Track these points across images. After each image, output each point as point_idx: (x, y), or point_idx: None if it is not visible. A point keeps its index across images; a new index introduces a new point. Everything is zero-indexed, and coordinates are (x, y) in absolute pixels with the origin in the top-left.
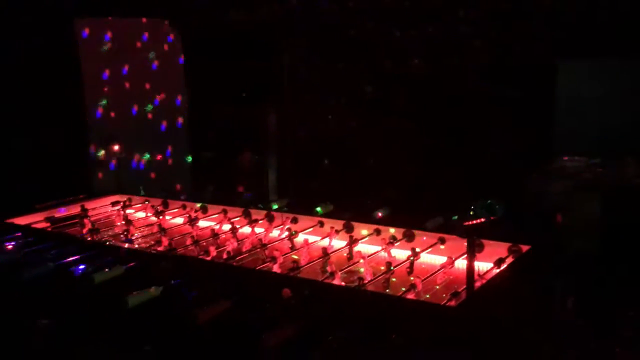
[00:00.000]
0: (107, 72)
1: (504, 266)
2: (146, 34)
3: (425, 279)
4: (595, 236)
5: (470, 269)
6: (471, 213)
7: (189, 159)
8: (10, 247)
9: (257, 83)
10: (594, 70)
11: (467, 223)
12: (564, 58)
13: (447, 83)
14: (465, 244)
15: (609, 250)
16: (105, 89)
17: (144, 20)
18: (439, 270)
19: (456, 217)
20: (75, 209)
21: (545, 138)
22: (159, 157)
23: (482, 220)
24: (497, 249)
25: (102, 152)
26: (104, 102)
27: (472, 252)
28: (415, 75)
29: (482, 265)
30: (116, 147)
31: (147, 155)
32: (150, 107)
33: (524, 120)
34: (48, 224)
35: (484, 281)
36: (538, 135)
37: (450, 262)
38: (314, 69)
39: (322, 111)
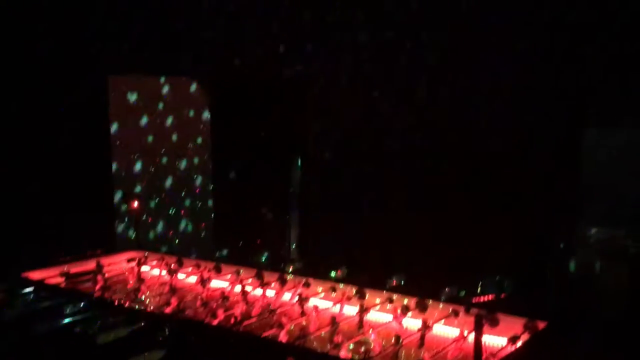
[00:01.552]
0: (134, 128)
1: (518, 344)
2: (174, 91)
3: (436, 354)
4: (623, 307)
5: (477, 349)
6: (479, 289)
7: None
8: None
9: (282, 138)
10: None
11: (475, 299)
12: (595, 122)
13: (470, 141)
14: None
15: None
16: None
17: (173, 77)
18: (451, 344)
19: (464, 293)
20: (90, 265)
21: (571, 204)
22: (182, 212)
23: (491, 297)
24: (513, 324)
25: (125, 207)
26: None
27: (480, 331)
28: (439, 132)
29: (496, 342)
30: (135, 204)
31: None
32: None
33: (550, 185)
34: (62, 279)
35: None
36: (563, 200)
37: (462, 336)
38: (338, 126)
39: (344, 167)
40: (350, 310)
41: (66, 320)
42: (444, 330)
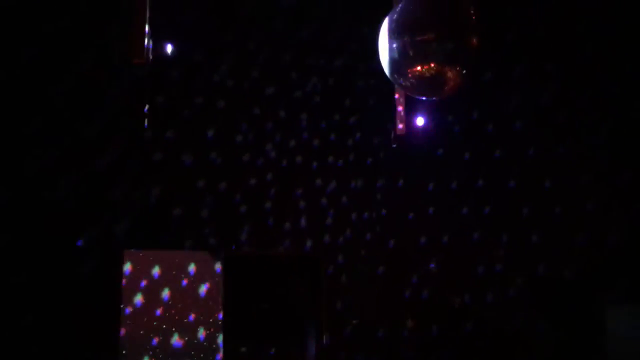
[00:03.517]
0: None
1: None
2: (192, 266)
3: None
4: None
5: None
6: None
7: None
8: None
9: (298, 312)
10: None
11: None
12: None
13: (488, 318)
14: None
15: None
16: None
17: (190, 252)
18: None
19: None
20: None
21: None
22: None
23: None
24: None
25: None
26: None
27: None
28: (455, 310)
29: None
30: None
31: None
32: None
33: None
34: None
35: None
36: None
37: None
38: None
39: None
40: None
41: None
42: None
